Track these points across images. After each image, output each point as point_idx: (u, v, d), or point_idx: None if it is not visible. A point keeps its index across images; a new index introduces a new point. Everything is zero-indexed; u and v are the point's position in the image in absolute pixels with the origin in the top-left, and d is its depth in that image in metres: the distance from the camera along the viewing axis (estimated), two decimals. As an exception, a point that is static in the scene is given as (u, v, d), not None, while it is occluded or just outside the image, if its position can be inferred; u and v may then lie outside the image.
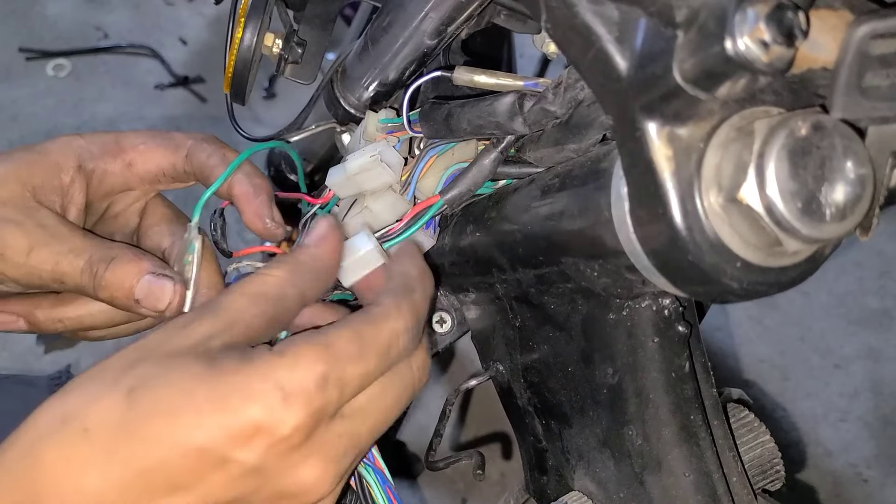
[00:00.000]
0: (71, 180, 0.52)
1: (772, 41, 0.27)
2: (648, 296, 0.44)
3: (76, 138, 0.53)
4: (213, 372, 0.39)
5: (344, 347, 0.40)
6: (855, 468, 1.73)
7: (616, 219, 0.37)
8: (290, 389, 0.39)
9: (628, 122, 0.34)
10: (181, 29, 2.42)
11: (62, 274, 0.49)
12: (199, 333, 0.40)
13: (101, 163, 0.53)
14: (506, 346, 0.58)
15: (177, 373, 0.39)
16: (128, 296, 0.49)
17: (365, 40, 0.58)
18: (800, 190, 0.31)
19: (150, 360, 0.40)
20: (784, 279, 0.34)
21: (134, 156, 0.53)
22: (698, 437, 0.47)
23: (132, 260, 0.49)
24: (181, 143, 0.53)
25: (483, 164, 0.53)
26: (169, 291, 0.49)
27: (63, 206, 0.52)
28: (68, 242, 0.49)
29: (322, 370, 0.39)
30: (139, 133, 0.54)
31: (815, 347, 1.90)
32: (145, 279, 0.49)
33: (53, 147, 0.52)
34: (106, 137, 0.53)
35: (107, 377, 0.40)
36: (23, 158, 0.51)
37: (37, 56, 2.32)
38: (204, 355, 0.40)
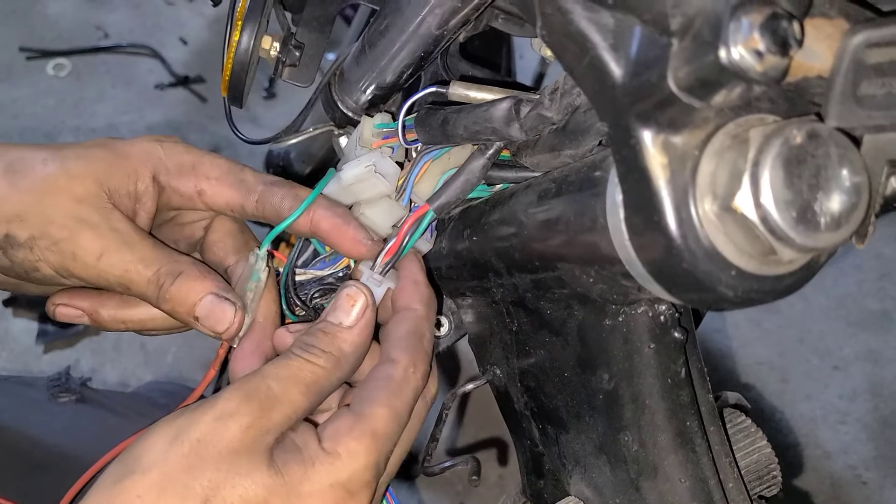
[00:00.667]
0: (145, 189, 0.52)
1: (766, 50, 0.27)
2: (644, 302, 0.44)
3: (157, 148, 0.53)
4: (282, 481, 0.43)
5: (385, 429, 0.45)
6: (854, 470, 1.73)
7: (611, 226, 0.37)
8: (353, 488, 0.44)
9: (623, 130, 0.33)
10: (182, 29, 2.43)
11: (129, 281, 0.49)
12: (256, 428, 0.43)
13: (174, 181, 0.53)
14: (503, 350, 0.58)
15: (247, 481, 0.42)
16: (189, 312, 0.50)
17: (362, 44, 0.58)
18: (794, 199, 0.30)
19: (213, 462, 0.42)
20: (779, 287, 0.34)
21: (205, 186, 0.53)
22: (694, 443, 0.47)
23: (197, 278, 0.50)
24: (253, 188, 0.53)
25: (471, 171, 0.53)
26: (230, 316, 0.50)
27: (134, 210, 0.52)
28: (139, 251, 0.50)
29: (374, 459, 0.44)
30: (215, 163, 0.54)
31: (815, 349, 1.90)
32: (208, 299, 0.50)
33: (133, 152, 0.52)
34: (184, 158, 0.53)
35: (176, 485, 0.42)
36: (102, 159, 0.51)
37: (37, 55, 2.32)
38: (265, 455, 0.43)
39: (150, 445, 0.43)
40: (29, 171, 0.50)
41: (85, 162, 0.51)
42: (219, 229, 0.56)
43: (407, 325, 0.49)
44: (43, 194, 0.49)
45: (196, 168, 0.54)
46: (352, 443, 0.44)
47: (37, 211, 0.49)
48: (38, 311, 1.87)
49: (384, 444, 0.45)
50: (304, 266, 0.59)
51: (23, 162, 0.50)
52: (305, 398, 0.45)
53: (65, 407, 0.85)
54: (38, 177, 0.49)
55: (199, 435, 0.43)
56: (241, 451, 0.43)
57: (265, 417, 0.44)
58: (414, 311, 0.50)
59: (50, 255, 0.49)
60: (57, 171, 0.50)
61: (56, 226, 0.49)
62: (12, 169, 0.50)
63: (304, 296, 0.58)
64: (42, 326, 1.86)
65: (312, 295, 0.58)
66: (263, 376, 0.45)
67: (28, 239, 0.49)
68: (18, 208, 0.49)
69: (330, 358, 0.47)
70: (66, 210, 0.49)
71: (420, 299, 0.51)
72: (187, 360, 1.82)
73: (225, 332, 0.50)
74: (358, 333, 0.48)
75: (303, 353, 0.47)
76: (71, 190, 0.49)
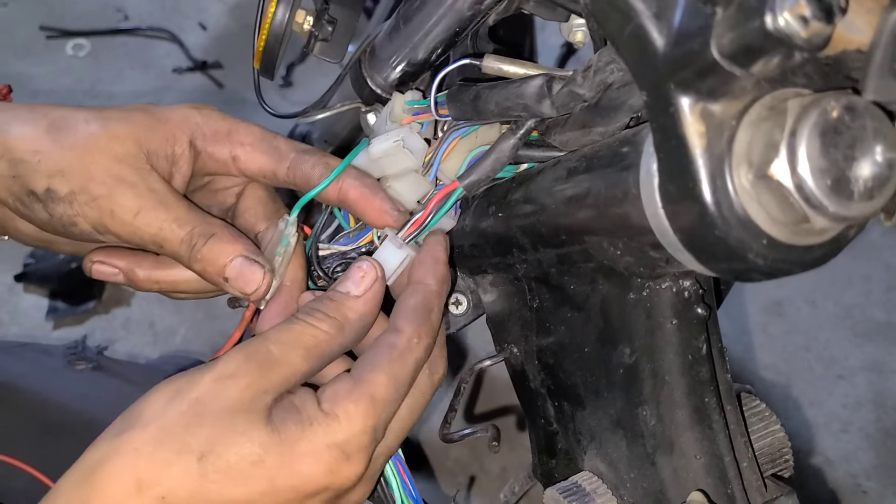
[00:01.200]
0: (182, 152, 0.53)
1: (811, 17, 0.28)
2: (669, 277, 0.45)
3: (194, 114, 0.54)
4: (277, 439, 0.43)
5: (383, 394, 0.46)
6: (855, 479, 1.74)
7: (644, 195, 0.38)
8: (349, 450, 0.45)
9: (662, 98, 0.34)
10: (201, 14, 2.44)
11: (163, 240, 0.51)
12: (254, 388, 0.44)
13: (209, 146, 0.54)
14: (521, 327, 0.58)
15: (243, 437, 0.43)
16: (219, 272, 0.51)
17: (396, 19, 0.59)
18: (829, 168, 0.31)
19: (210, 419, 0.43)
20: (808, 258, 0.35)
21: (239, 152, 0.55)
22: (711, 420, 0.47)
23: (229, 240, 0.51)
24: (285, 154, 0.55)
25: (502, 150, 0.53)
26: (258, 277, 0.51)
27: (171, 173, 0.54)
28: (174, 211, 0.51)
29: (372, 423, 0.45)
30: (250, 130, 0.55)
31: (820, 357, 1.90)
32: (238, 261, 0.51)
33: (172, 117, 0.54)
34: (220, 124, 0.55)
35: (174, 439, 0.43)
36: (142, 121, 0.52)
37: (57, 35, 2.34)
38: (263, 414, 0.44)
39: (150, 403, 0.44)
40: (72, 129, 0.51)
41: (126, 124, 0.52)
42: (250, 196, 0.57)
43: (417, 297, 0.50)
44: (85, 152, 0.50)
45: (231, 134, 0.55)
46: (350, 405, 0.45)
47: (78, 167, 0.50)
48: (49, 287, 1.89)
49: (382, 409, 0.46)
50: (327, 241, 0.60)
51: (66, 120, 0.52)
52: (305, 361, 0.46)
53: (81, 374, 0.86)
54: (80, 135, 0.51)
55: (198, 394, 0.44)
56: (238, 410, 0.43)
57: (264, 378, 0.45)
58: (426, 286, 0.51)
59: (88, 210, 0.50)
60: (99, 131, 0.51)
61: (96, 182, 0.50)
62: (56, 126, 0.51)
63: (327, 268, 0.59)
64: (52, 303, 1.88)
65: (334, 268, 0.59)
66: (264, 339, 0.46)
67: (68, 194, 0.50)
68: (61, 164, 0.50)
69: (333, 323, 0.48)
70: (106, 168, 0.50)
71: (434, 275, 0.51)
72: (196, 342, 1.83)
73: (253, 293, 0.52)
74: (364, 303, 0.49)
75: (306, 317, 0.48)
76: (112, 149, 0.51)
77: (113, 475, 0.42)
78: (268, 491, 0.43)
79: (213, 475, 0.42)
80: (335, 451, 0.44)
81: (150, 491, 0.42)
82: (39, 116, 0.52)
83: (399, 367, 0.47)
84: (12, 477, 0.75)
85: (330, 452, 0.44)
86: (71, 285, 1.87)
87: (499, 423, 1.67)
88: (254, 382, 0.44)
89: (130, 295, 1.90)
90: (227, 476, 0.43)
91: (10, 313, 1.88)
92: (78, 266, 1.87)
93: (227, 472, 0.43)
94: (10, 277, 1.89)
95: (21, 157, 0.50)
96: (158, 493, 0.42)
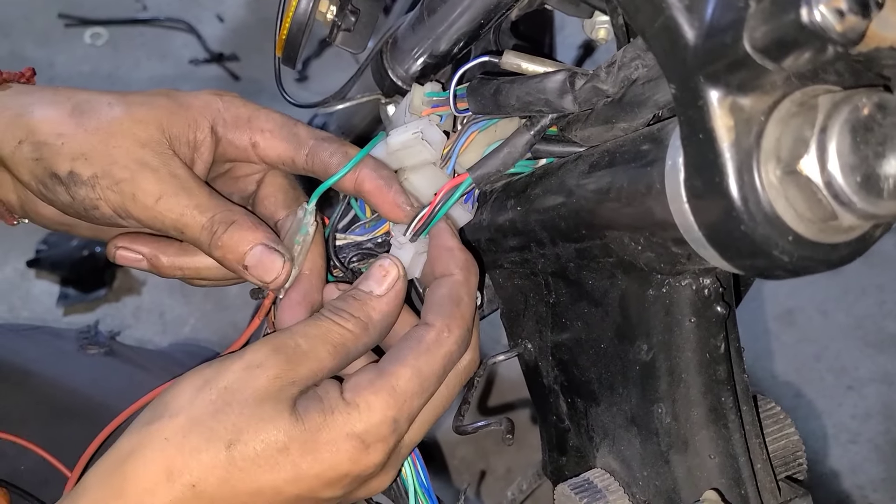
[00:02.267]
0: (203, 138, 0.54)
1: (848, 10, 0.28)
2: (689, 274, 0.44)
3: (216, 100, 0.55)
4: (301, 428, 0.44)
5: (406, 387, 0.46)
6: (861, 490, 1.73)
7: (669, 189, 0.37)
8: (368, 440, 0.45)
9: (691, 91, 0.34)
10: (219, 6, 2.44)
11: (184, 225, 0.51)
12: (282, 379, 0.45)
13: (230, 133, 0.55)
14: (536, 323, 0.58)
15: (270, 425, 0.44)
16: (239, 260, 0.51)
17: (420, 10, 0.58)
18: (860, 165, 0.31)
19: (238, 408, 0.44)
20: (833, 257, 0.34)
21: (259, 138, 0.55)
22: (727, 419, 0.47)
23: (249, 228, 0.51)
24: (304, 142, 0.55)
25: (515, 145, 0.53)
26: (278, 266, 0.51)
27: (192, 159, 0.54)
28: (196, 197, 0.51)
29: (393, 415, 0.46)
30: (270, 117, 0.55)
31: (830, 367, 1.89)
32: (258, 249, 0.51)
33: (195, 103, 0.54)
34: (240, 111, 0.55)
35: (203, 428, 0.44)
36: (164, 106, 0.53)
37: (75, 23, 2.35)
38: (288, 404, 0.45)
39: (179, 392, 0.45)
40: (95, 112, 0.51)
41: (148, 108, 0.52)
42: (270, 184, 0.58)
43: (443, 289, 0.50)
44: (108, 135, 0.51)
45: (251, 121, 0.55)
46: (370, 396, 0.45)
47: (101, 151, 0.50)
48: (61, 273, 1.89)
49: (405, 401, 0.46)
50: (343, 231, 0.60)
51: (89, 104, 0.52)
52: (332, 357, 0.47)
53: (93, 359, 0.86)
54: (103, 119, 0.51)
55: (227, 383, 0.45)
56: (265, 399, 0.44)
57: (292, 370, 0.45)
58: (451, 277, 0.51)
59: (111, 194, 0.50)
60: (122, 115, 0.51)
61: (119, 166, 0.50)
62: (80, 110, 0.51)
63: (343, 258, 0.59)
64: (63, 289, 1.88)
65: (350, 258, 0.59)
66: (293, 333, 0.47)
67: (91, 177, 0.50)
68: (84, 147, 0.50)
69: (358, 323, 0.48)
70: (129, 152, 0.50)
71: (457, 264, 0.51)
72: (205, 332, 1.84)
73: (272, 282, 0.52)
74: (387, 303, 0.50)
75: (332, 315, 0.48)
76: (135, 133, 0.51)
77: (143, 464, 0.43)
78: (292, 478, 0.44)
79: (241, 462, 0.43)
80: (354, 441, 0.45)
81: (181, 479, 0.43)
82: (63, 99, 0.52)
83: (424, 362, 0.47)
84: (22, 458, 0.76)
85: (349, 441, 0.45)
86: (82, 272, 1.88)
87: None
88: (282, 373, 0.45)
89: (141, 284, 1.90)
90: (255, 463, 0.44)
91: (22, 298, 1.89)
92: (90, 253, 1.88)
93: (255, 459, 0.44)
94: (22, 263, 1.90)
95: (44, 140, 0.51)
96: (188, 480, 0.43)
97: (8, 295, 1.89)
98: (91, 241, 1.92)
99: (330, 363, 0.47)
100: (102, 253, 1.89)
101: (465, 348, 0.50)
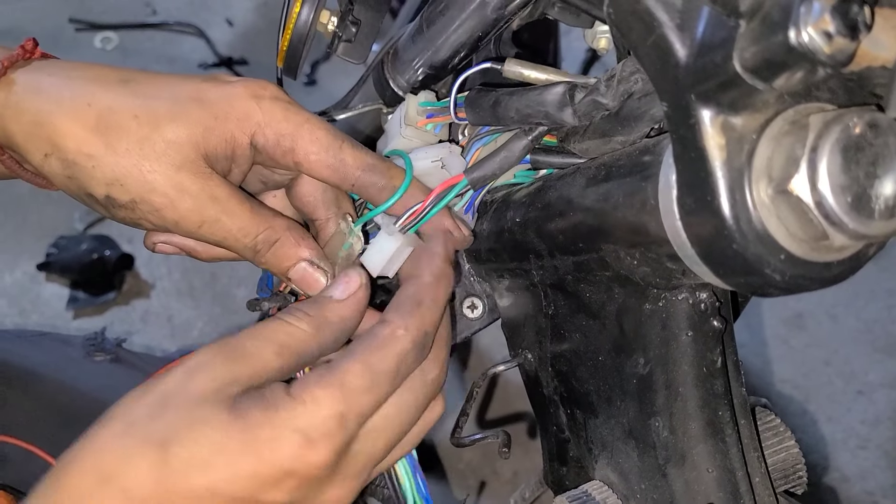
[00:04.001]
0: (241, 153, 0.51)
1: (836, 33, 0.28)
2: (686, 288, 0.44)
3: (254, 110, 0.50)
4: (240, 424, 0.42)
5: (356, 382, 0.44)
6: (871, 496, 1.72)
7: (662, 206, 0.37)
8: (313, 435, 0.43)
9: (683, 110, 0.34)
10: (228, 10, 2.45)
11: (228, 246, 0.51)
12: (221, 379, 0.43)
13: (271, 150, 0.51)
14: (536, 333, 0.58)
15: (206, 425, 0.42)
16: (283, 273, 0.52)
17: (420, 22, 0.59)
18: (850, 185, 0.31)
19: (175, 408, 0.42)
20: (826, 275, 0.34)
21: (302, 161, 0.51)
22: (724, 433, 0.47)
23: (292, 245, 0.52)
24: (350, 172, 0.52)
25: (512, 150, 0.53)
26: (321, 284, 0.52)
27: (229, 169, 0.52)
28: (237, 220, 0.50)
29: (339, 409, 0.44)
30: (315, 136, 0.51)
31: (840, 372, 1.88)
32: (301, 265, 0.52)
33: (231, 113, 0.50)
34: (283, 126, 0.51)
35: (137, 431, 0.42)
36: (198, 121, 0.49)
37: (86, 28, 2.36)
38: (227, 403, 0.43)
39: (121, 401, 0.44)
40: (123, 131, 0.49)
41: (181, 124, 0.49)
42: (308, 182, 0.55)
43: (408, 290, 0.49)
44: (141, 159, 0.49)
45: (295, 141, 0.51)
46: (317, 390, 0.44)
47: (136, 176, 0.49)
48: (71, 277, 1.91)
49: (354, 397, 0.44)
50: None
51: (113, 116, 0.49)
52: (278, 357, 0.45)
53: (100, 366, 0.86)
54: (133, 139, 0.49)
55: (165, 387, 0.43)
56: (203, 400, 0.43)
57: (231, 370, 0.44)
58: (418, 279, 0.50)
59: (152, 217, 0.50)
60: (153, 134, 0.49)
61: (157, 194, 0.49)
62: (105, 124, 0.49)
63: None
64: (73, 293, 1.90)
65: None
66: (240, 335, 0.46)
67: (129, 202, 0.49)
68: (117, 172, 0.49)
69: (311, 322, 0.47)
70: (165, 178, 0.49)
71: (430, 270, 0.50)
72: (213, 336, 1.84)
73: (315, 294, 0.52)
74: (345, 307, 0.48)
75: (285, 315, 0.47)
76: (169, 156, 0.49)
77: (77, 472, 0.42)
78: (229, 477, 0.42)
79: (176, 464, 0.42)
80: (298, 436, 0.43)
81: (114, 484, 0.41)
82: (84, 106, 0.49)
83: (376, 357, 0.45)
84: (31, 465, 0.76)
85: (293, 436, 0.43)
86: (92, 276, 1.89)
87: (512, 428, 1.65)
88: (221, 374, 0.43)
89: (150, 287, 1.91)
90: (189, 464, 0.42)
91: (32, 302, 1.90)
92: (99, 257, 1.89)
93: (189, 460, 0.42)
94: (32, 267, 1.92)
95: (74, 160, 0.49)
96: (122, 484, 0.41)
97: (19, 298, 1.90)
98: (100, 245, 1.94)
99: (275, 362, 0.45)
100: (112, 256, 1.91)
101: (423, 353, 0.48)
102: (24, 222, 2.01)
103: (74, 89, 0.50)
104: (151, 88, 0.51)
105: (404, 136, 0.58)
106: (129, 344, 1.05)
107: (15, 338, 0.90)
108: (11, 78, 0.51)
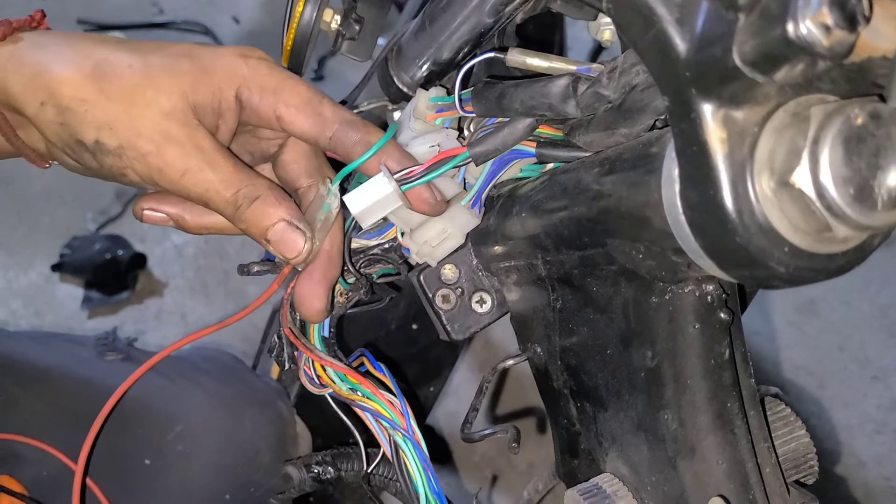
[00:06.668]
0: (228, 107, 0.53)
1: (834, 25, 0.27)
2: (692, 280, 0.44)
3: (241, 65, 0.54)
4: None
5: None
6: (888, 481, 1.71)
7: (666, 200, 0.37)
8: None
9: (684, 104, 0.34)
10: (235, 8, 2.46)
11: (209, 199, 0.52)
12: None
13: (254, 103, 0.54)
14: (544, 328, 0.58)
15: None
16: (261, 234, 0.52)
17: (423, 19, 0.59)
18: (853, 176, 0.31)
19: None
20: (831, 266, 0.34)
21: (284, 113, 0.54)
22: (734, 425, 0.47)
23: (273, 204, 0.52)
24: (329, 124, 0.54)
25: (515, 127, 0.53)
26: (300, 244, 0.52)
27: (216, 125, 0.54)
28: (220, 172, 0.51)
29: None
30: (296, 90, 0.54)
31: (854, 357, 1.87)
32: (280, 225, 0.52)
33: (219, 68, 0.53)
34: (267, 80, 0.54)
35: None
36: (188, 72, 0.52)
37: (93, 28, 2.37)
38: None
39: None
40: (117, 77, 0.51)
41: (171, 74, 0.52)
42: (294, 150, 0.57)
43: None
44: (131, 104, 0.50)
45: (277, 93, 0.54)
46: None
47: (125, 121, 0.50)
48: (84, 277, 1.92)
49: None
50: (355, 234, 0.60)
51: (110, 64, 0.51)
52: None
53: (111, 365, 0.87)
54: (125, 85, 0.51)
55: None
56: None
57: None
58: None
59: (137, 164, 0.51)
60: (144, 82, 0.51)
61: (144, 139, 0.50)
62: (101, 71, 0.51)
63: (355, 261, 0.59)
64: (87, 293, 1.91)
65: (360, 264, 0.60)
66: None
67: (117, 147, 0.50)
68: (108, 116, 0.50)
69: None
70: (153, 123, 0.50)
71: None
72: (226, 333, 1.83)
73: (294, 258, 0.53)
74: None
75: None
76: (158, 103, 0.51)
77: None
78: None
79: None
80: None
81: None
82: (81, 58, 0.52)
83: None
84: (45, 464, 0.77)
85: None
86: (105, 276, 1.90)
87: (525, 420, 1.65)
88: None
89: (163, 286, 1.92)
90: None
91: (48, 303, 1.91)
92: (112, 257, 1.90)
93: None
94: (47, 267, 1.93)
95: (68, 105, 0.50)
96: None
97: (34, 299, 1.92)
98: (113, 245, 1.95)
99: None
100: (125, 256, 1.92)
101: None
102: (38, 224, 2.02)
103: (75, 45, 0.53)
104: (147, 47, 0.54)
105: (412, 129, 0.58)
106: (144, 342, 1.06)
107: (27, 339, 0.91)
108: (19, 35, 0.54)
